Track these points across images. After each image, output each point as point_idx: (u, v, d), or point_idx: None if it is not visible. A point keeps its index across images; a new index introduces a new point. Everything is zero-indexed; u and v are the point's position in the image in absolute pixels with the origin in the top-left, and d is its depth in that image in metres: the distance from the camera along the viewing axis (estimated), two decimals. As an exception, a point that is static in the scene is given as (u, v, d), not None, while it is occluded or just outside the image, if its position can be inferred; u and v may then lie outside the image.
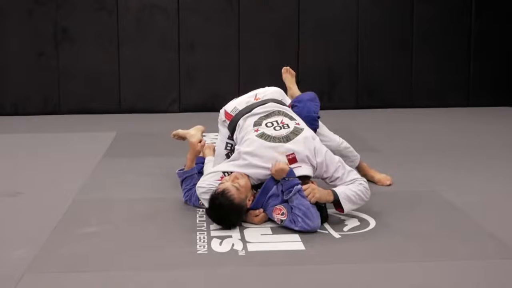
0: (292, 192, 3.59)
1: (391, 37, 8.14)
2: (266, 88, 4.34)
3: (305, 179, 3.76)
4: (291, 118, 4.00)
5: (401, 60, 8.19)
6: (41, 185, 4.71)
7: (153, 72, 7.98)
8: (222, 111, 4.24)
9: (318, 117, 4.26)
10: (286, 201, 3.66)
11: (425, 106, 8.18)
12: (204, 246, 3.40)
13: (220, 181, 3.72)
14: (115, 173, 4.98)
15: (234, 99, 4.27)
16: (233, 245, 3.42)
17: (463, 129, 6.92)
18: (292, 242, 3.46)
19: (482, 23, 8.17)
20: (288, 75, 4.89)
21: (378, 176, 4.63)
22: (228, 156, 4.14)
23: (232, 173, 3.73)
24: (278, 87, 4.46)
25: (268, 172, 3.74)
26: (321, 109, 4.34)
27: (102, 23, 7.85)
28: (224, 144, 4.22)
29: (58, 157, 5.63)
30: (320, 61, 8.10)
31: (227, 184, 3.62)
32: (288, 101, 4.36)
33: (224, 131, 4.23)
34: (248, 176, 3.73)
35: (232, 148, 4.16)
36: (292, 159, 3.75)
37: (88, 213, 4.00)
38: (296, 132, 3.87)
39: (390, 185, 4.56)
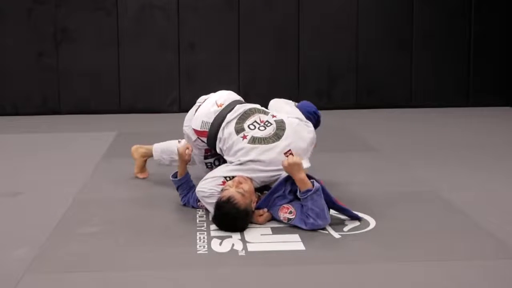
0: (312, 191, 3.55)
1: (391, 37, 8.14)
2: (218, 92, 4.20)
3: None
4: (265, 113, 4.00)
5: (401, 59, 8.19)
6: (41, 185, 4.71)
7: (153, 72, 7.98)
8: (188, 130, 4.10)
9: (315, 113, 4.27)
10: (292, 201, 3.67)
11: (425, 106, 8.18)
12: (204, 246, 3.40)
13: (222, 186, 3.70)
14: (115, 173, 4.98)
15: (192, 115, 4.09)
16: (233, 245, 3.42)
17: (463, 129, 6.92)
18: (292, 242, 3.46)
19: (481, 23, 8.17)
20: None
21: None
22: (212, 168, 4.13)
23: (235, 178, 3.70)
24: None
25: (271, 174, 3.74)
26: (321, 109, 4.34)
27: (102, 23, 7.86)
28: (204, 165, 4.20)
29: (58, 157, 5.63)
30: (320, 61, 8.10)
31: (232, 191, 3.59)
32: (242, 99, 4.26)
33: (198, 153, 4.15)
34: (251, 179, 3.73)
35: (213, 163, 4.15)
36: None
37: (88, 213, 4.00)
38: (281, 127, 3.87)
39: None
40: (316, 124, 4.22)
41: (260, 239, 3.51)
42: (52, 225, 3.76)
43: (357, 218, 3.77)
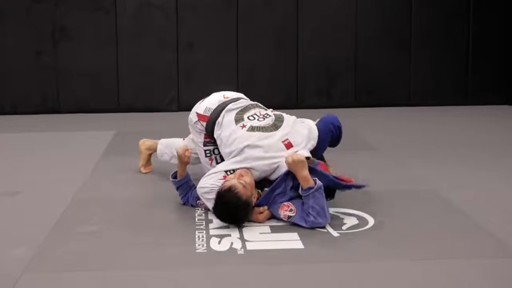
0: (314, 188, 3.57)
1: (390, 36, 8.14)
2: (227, 91, 4.35)
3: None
4: (265, 109, 4.16)
5: (400, 59, 8.19)
6: (40, 184, 4.70)
7: (151, 71, 7.98)
8: (192, 115, 4.23)
9: (339, 127, 4.23)
10: (293, 199, 3.68)
11: (424, 105, 8.19)
12: (203, 245, 3.40)
13: (222, 180, 3.71)
14: (114, 172, 4.98)
15: (201, 102, 4.25)
16: (232, 243, 3.42)
17: (462, 127, 6.92)
18: (291, 241, 3.46)
19: (480, 23, 8.17)
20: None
21: None
22: (214, 160, 4.15)
23: (237, 171, 3.73)
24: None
25: (271, 161, 3.77)
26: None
27: (100, 22, 7.85)
28: (204, 153, 4.22)
29: (57, 156, 5.63)
30: (319, 60, 8.10)
31: (234, 181, 3.61)
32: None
33: (197, 140, 4.24)
34: (251, 173, 3.73)
35: (213, 151, 4.17)
36: (288, 144, 3.83)
37: (87, 212, 3.99)
38: (280, 118, 4.01)
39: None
40: (337, 140, 4.22)
41: (259, 237, 3.51)
42: (51, 224, 3.76)
43: (362, 186, 3.89)
